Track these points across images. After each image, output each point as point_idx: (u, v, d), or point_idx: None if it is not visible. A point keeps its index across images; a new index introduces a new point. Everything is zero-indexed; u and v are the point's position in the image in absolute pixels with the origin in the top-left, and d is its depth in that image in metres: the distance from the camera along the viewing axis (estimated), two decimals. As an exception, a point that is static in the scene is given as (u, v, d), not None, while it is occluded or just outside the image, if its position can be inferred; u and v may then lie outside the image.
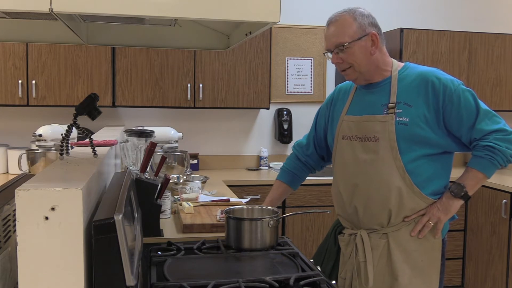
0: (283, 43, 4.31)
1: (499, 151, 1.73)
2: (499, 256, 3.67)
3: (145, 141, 2.51)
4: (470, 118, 1.75)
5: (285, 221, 3.72)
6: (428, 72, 1.81)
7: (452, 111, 1.75)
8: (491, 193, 3.74)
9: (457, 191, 1.79)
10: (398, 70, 1.87)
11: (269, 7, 1.21)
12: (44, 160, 2.50)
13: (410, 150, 1.77)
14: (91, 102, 1.41)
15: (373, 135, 1.82)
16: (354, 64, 1.82)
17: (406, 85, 1.82)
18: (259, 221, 1.71)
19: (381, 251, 1.82)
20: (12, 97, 3.58)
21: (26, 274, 1.00)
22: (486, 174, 1.78)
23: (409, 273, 1.80)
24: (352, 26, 1.80)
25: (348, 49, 1.80)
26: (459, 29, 4.45)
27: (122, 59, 3.72)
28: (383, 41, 1.86)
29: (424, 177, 1.79)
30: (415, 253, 1.81)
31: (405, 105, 1.79)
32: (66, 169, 1.30)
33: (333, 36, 1.83)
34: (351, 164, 1.89)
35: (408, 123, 1.77)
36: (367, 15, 1.84)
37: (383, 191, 1.80)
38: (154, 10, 1.14)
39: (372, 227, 1.85)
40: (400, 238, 1.81)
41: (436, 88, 1.76)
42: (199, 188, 2.68)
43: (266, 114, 4.37)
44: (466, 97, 1.76)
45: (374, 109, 1.85)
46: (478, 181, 1.80)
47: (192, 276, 1.46)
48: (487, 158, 1.75)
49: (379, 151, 1.80)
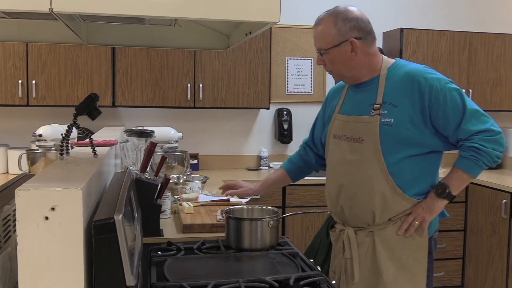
0: (283, 43, 4.31)
1: (484, 152, 1.71)
2: (499, 256, 3.67)
3: (145, 141, 2.51)
4: (457, 117, 1.73)
5: (285, 221, 3.72)
6: (415, 71, 1.79)
7: (439, 111, 1.74)
8: (491, 193, 3.74)
9: (441, 191, 1.78)
10: (388, 68, 1.86)
11: (269, 7, 1.21)
12: (44, 160, 2.50)
13: (394, 152, 1.77)
14: (91, 102, 1.41)
15: (358, 136, 1.82)
16: (334, 70, 1.86)
17: (393, 84, 1.81)
18: (259, 221, 1.71)
19: (367, 248, 1.84)
20: (12, 97, 3.58)
21: (26, 274, 1.00)
22: (471, 174, 1.77)
23: (394, 270, 1.81)
24: (330, 33, 1.79)
25: (326, 55, 1.82)
26: (459, 29, 4.45)
27: (122, 59, 3.72)
28: (370, 44, 1.86)
29: (407, 178, 1.79)
30: (400, 251, 1.81)
31: (391, 105, 1.78)
32: (66, 169, 1.30)
33: (316, 39, 1.85)
34: (338, 164, 1.91)
35: (392, 124, 1.76)
36: (352, 18, 1.80)
37: (367, 193, 1.81)
38: (154, 10, 1.14)
39: (359, 225, 1.86)
40: (385, 236, 1.82)
41: (422, 88, 1.75)
42: (199, 188, 2.68)
43: (266, 114, 4.37)
44: (452, 96, 1.74)
45: (361, 109, 1.85)
46: (462, 181, 1.79)
47: (192, 276, 1.46)
48: (472, 159, 1.73)
49: (364, 152, 1.81)
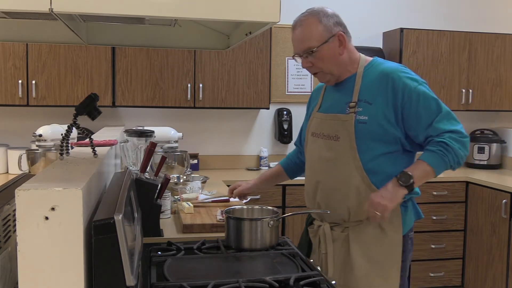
0: (283, 43, 4.31)
1: (452, 149, 1.73)
2: (499, 256, 3.67)
3: (145, 141, 2.51)
4: (430, 116, 1.76)
5: (285, 221, 3.72)
6: (390, 70, 1.81)
7: (411, 109, 1.76)
8: (491, 193, 3.74)
9: (405, 180, 1.74)
10: (364, 67, 1.88)
11: (269, 7, 1.21)
12: (44, 160, 2.50)
13: (369, 149, 1.79)
14: (91, 102, 1.41)
15: (334, 134, 1.85)
16: (324, 68, 1.85)
17: (368, 82, 1.83)
18: (259, 221, 1.71)
19: (342, 243, 1.87)
20: (12, 97, 3.58)
21: (26, 274, 1.00)
22: (435, 169, 1.76)
23: (366, 266, 1.82)
24: (318, 29, 1.80)
25: (316, 54, 1.81)
26: (459, 29, 4.45)
27: (122, 59, 3.72)
28: (349, 38, 1.87)
29: (383, 176, 1.80)
30: (373, 247, 1.83)
31: (366, 103, 1.80)
32: (66, 169, 1.30)
33: (301, 41, 1.83)
34: (315, 161, 1.94)
35: (367, 121, 1.78)
36: (331, 14, 1.83)
37: (343, 190, 1.83)
38: (154, 10, 1.14)
39: (335, 221, 1.89)
40: (359, 231, 1.84)
41: (395, 86, 1.77)
42: (199, 188, 2.68)
43: (266, 114, 4.37)
44: (426, 96, 1.77)
45: (338, 107, 1.87)
46: (426, 174, 1.77)
47: (192, 276, 1.46)
48: (439, 154, 1.74)
49: (340, 150, 1.83)
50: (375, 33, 4.47)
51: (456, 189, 4.00)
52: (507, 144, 4.47)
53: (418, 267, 3.96)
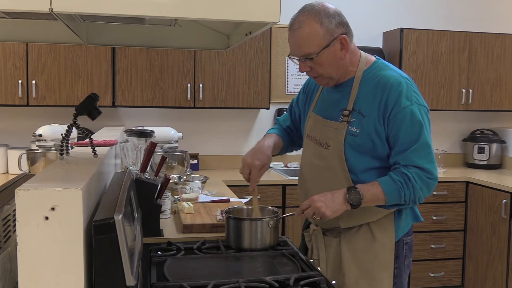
0: (283, 43, 4.31)
1: (412, 187, 1.65)
2: (499, 256, 3.67)
3: (145, 141, 2.51)
4: (405, 143, 1.66)
5: (285, 221, 3.72)
6: (390, 82, 1.70)
7: (393, 129, 1.67)
8: (491, 193, 3.74)
9: (354, 199, 1.67)
10: (364, 71, 1.76)
11: (269, 7, 1.21)
12: (44, 160, 2.50)
13: (358, 162, 1.73)
14: (91, 102, 1.41)
15: (325, 141, 1.79)
16: (323, 73, 1.73)
17: (365, 91, 1.73)
18: (259, 221, 1.71)
19: (334, 249, 1.83)
20: (12, 97, 3.58)
21: (26, 274, 1.00)
22: (387, 199, 1.68)
23: (357, 273, 1.77)
24: (319, 34, 1.65)
25: (317, 59, 1.68)
26: (459, 29, 4.45)
27: (122, 59, 3.72)
28: (352, 38, 1.74)
29: None
30: (363, 254, 1.78)
31: (359, 114, 1.72)
32: (66, 169, 1.30)
33: (299, 45, 1.69)
34: (307, 167, 1.90)
35: (358, 134, 1.71)
36: (333, 14, 1.67)
37: None
38: (154, 10, 1.14)
39: (326, 227, 1.87)
40: (350, 237, 1.80)
41: (389, 102, 1.67)
42: (199, 188, 2.68)
43: (266, 114, 4.36)
44: (412, 119, 1.66)
45: (332, 113, 1.80)
46: (376, 200, 1.69)
47: (192, 276, 1.46)
48: (398, 185, 1.66)
49: (329, 159, 1.78)
50: (375, 33, 4.47)
51: (456, 189, 4.00)
52: (507, 144, 4.47)
53: (418, 267, 3.96)
